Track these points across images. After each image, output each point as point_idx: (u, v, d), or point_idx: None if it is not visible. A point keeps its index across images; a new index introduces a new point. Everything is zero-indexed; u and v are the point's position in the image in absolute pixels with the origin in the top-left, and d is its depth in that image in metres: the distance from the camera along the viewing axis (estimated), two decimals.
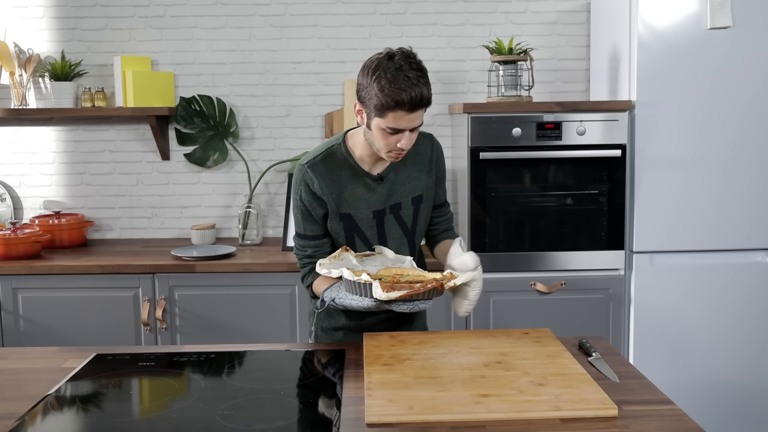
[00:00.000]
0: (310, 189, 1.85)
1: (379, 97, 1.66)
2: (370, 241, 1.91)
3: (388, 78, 1.65)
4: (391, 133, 1.71)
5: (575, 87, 3.29)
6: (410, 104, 1.66)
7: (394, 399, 1.37)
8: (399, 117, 1.68)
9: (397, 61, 1.68)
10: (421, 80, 1.68)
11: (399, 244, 1.93)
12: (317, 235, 1.91)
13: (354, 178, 1.86)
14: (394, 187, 1.89)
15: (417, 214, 1.93)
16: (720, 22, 2.67)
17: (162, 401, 1.44)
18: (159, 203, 3.34)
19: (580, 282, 2.79)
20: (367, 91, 1.70)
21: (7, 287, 2.77)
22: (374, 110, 1.69)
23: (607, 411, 1.32)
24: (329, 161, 1.86)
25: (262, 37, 3.26)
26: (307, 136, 3.31)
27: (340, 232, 1.89)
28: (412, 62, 1.70)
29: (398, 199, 1.90)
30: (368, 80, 1.70)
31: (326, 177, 1.85)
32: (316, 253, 1.91)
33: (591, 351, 1.66)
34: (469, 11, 3.24)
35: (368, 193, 1.87)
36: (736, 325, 2.80)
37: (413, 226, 1.94)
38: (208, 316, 2.79)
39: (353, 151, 1.87)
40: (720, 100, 2.72)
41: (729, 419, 2.83)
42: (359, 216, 1.87)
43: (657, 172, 2.74)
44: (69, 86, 3.14)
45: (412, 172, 1.91)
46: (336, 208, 1.86)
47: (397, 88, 1.65)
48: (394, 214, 1.90)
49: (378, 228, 1.90)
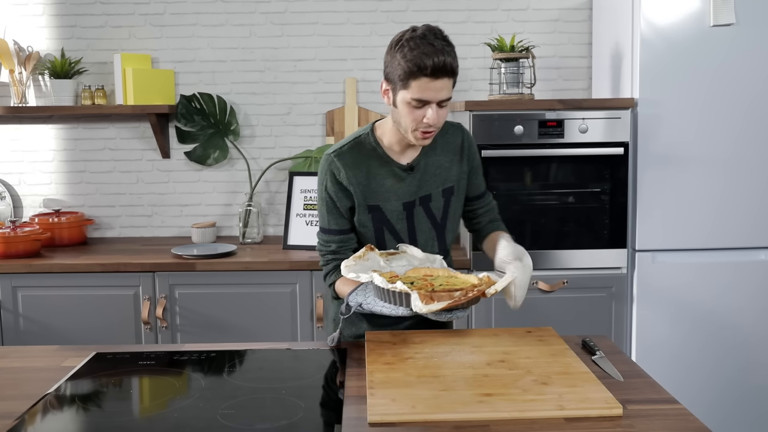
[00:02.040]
0: (336, 179, 1.80)
1: (402, 65, 1.63)
2: (400, 235, 1.85)
3: (410, 46, 1.63)
4: (417, 107, 1.66)
5: (577, 85, 3.27)
6: (432, 68, 1.61)
7: (396, 398, 1.36)
8: (423, 86, 1.63)
9: (420, 32, 1.65)
10: (445, 48, 1.64)
11: (427, 238, 1.87)
12: (342, 229, 1.83)
13: (382, 167, 1.81)
14: (425, 178, 1.83)
15: (447, 207, 1.86)
16: (723, 19, 2.66)
17: (162, 400, 1.43)
18: (159, 201, 3.33)
19: (583, 280, 2.78)
20: (391, 65, 1.67)
21: (6, 286, 2.76)
22: (398, 82, 1.66)
23: (611, 410, 1.31)
24: (357, 150, 1.81)
25: (263, 35, 3.24)
26: (308, 134, 3.30)
27: (368, 225, 1.83)
28: (437, 33, 1.66)
29: (428, 191, 1.83)
30: (391, 53, 1.68)
31: (353, 166, 1.79)
32: (340, 248, 1.84)
33: (594, 350, 1.65)
34: (471, 8, 3.23)
35: (397, 183, 1.81)
36: (738, 323, 2.79)
37: (443, 219, 1.87)
38: (209, 314, 2.78)
39: (381, 140, 1.82)
40: (723, 97, 2.71)
41: (731, 417, 2.82)
42: (389, 208, 1.81)
43: (659, 170, 2.73)
44: (69, 84, 3.13)
45: (443, 161, 1.85)
46: (364, 199, 1.80)
47: (420, 53, 1.61)
48: (423, 206, 1.84)
49: (408, 221, 1.83)
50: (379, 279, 1.59)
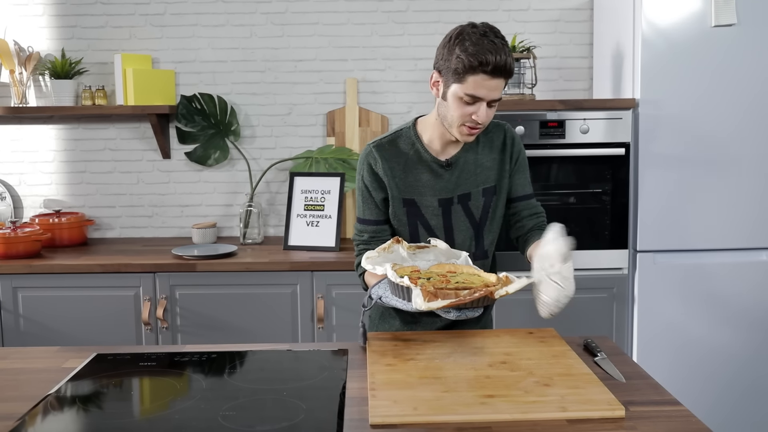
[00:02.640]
0: (372, 169, 1.81)
1: (462, 59, 1.62)
2: (435, 231, 1.83)
3: (473, 41, 1.62)
4: (468, 103, 1.66)
5: (578, 85, 3.27)
6: (494, 66, 1.61)
7: (398, 399, 1.35)
8: (479, 82, 1.63)
9: (481, 29, 1.64)
10: (506, 48, 1.64)
11: (465, 237, 1.84)
12: (377, 220, 1.85)
13: (420, 162, 1.80)
14: (463, 176, 1.81)
15: (488, 206, 1.84)
16: (724, 20, 2.65)
17: (163, 401, 1.42)
18: (160, 202, 3.33)
19: (584, 281, 2.77)
20: (448, 57, 1.65)
21: (7, 286, 2.76)
22: (453, 75, 1.65)
23: (614, 412, 1.31)
24: (397, 143, 1.82)
25: (264, 35, 3.24)
26: (308, 135, 3.29)
27: (403, 219, 1.83)
28: (497, 32, 1.66)
29: (467, 189, 1.81)
30: (450, 46, 1.66)
31: (391, 158, 1.80)
32: (372, 239, 1.85)
33: (596, 351, 1.65)
34: (472, 9, 3.22)
35: (434, 179, 1.80)
36: (740, 324, 2.79)
37: (483, 219, 1.84)
38: (210, 315, 2.77)
39: (422, 136, 1.82)
40: (724, 97, 2.71)
41: (732, 418, 2.82)
42: (424, 203, 1.81)
43: (661, 170, 2.73)
44: (69, 84, 3.13)
45: (484, 161, 1.83)
46: (399, 192, 1.80)
47: (483, 48, 1.61)
48: (462, 205, 1.82)
49: (444, 218, 1.82)
50: (391, 272, 1.56)
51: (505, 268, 2.59)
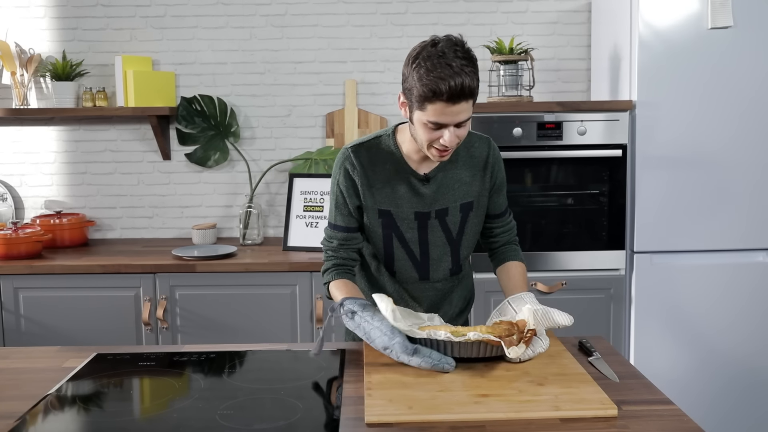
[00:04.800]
0: (349, 174, 1.74)
1: (417, 88, 1.52)
2: (410, 244, 1.78)
3: (427, 66, 1.51)
4: (434, 128, 1.57)
5: (576, 87, 3.28)
6: (449, 95, 1.50)
7: (393, 399, 1.37)
8: (439, 110, 1.53)
9: (440, 48, 1.52)
10: (465, 69, 1.51)
11: (441, 253, 1.81)
12: (347, 227, 1.77)
13: (398, 174, 1.73)
14: (442, 191, 1.75)
15: (465, 222, 1.79)
16: (721, 22, 2.67)
17: (162, 401, 1.44)
18: (160, 203, 3.35)
19: (581, 282, 2.79)
20: (408, 81, 1.56)
21: (8, 287, 2.77)
22: (415, 102, 1.56)
23: (606, 411, 1.32)
24: (375, 150, 1.75)
25: (263, 37, 3.26)
26: (308, 136, 3.31)
27: (378, 231, 1.77)
28: (458, 50, 1.53)
29: (445, 204, 1.76)
30: (409, 69, 1.56)
31: (369, 166, 1.73)
32: (341, 246, 1.78)
33: (591, 351, 1.66)
34: (470, 11, 3.24)
35: (412, 192, 1.74)
36: (737, 325, 2.80)
37: (459, 235, 1.80)
38: (209, 315, 2.79)
39: (401, 146, 1.74)
40: (721, 99, 2.72)
41: (729, 419, 2.83)
42: (400, 215, 1.75)
43: (658, 172, 2.74)
44: (70, 86, 3.14)
45: (464, 176, 1.76)
46: (374, 203, 1.74)
47: (436, 77, 1.50)
48: (439, 219, 1.77)
49: (420, 231, 1.77)
50: (444, 333, 1.52)
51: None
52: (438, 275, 1.84)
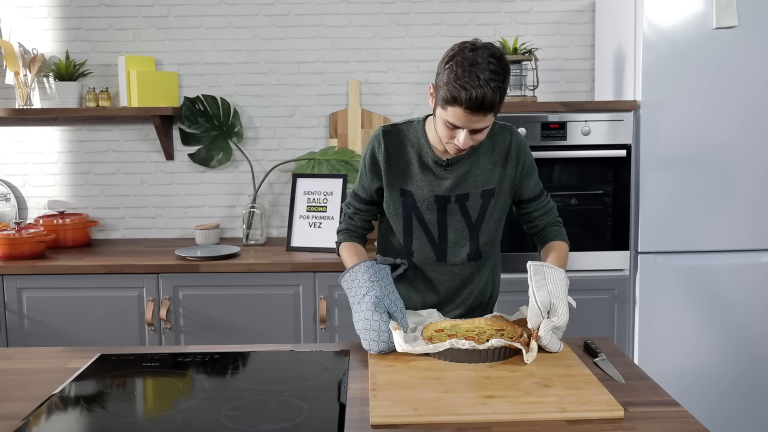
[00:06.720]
0: (374, 153, 1.85)
1: (443, 89, 1.60)
2: (429, 226, 1.86)
3: (457, 72, 1.56)
4: (451, 128, 1.66)
5: (580, 87, 3.28)
6: (468, 105, 1.56)
7: (398, 400, 1.37)
8: (458, 115, 1.60)
9: (475, 56, 1.57)
10: (491, 83, 1.55)
11: (459, 237, 1.86)
12: (367, 200, 1.92)
13: (422, 158, 1.82)
14: (463, 177, 1.81)
15: (485, 208, 1.85)
16: (726, 22, 2.66)
17: (166, 402, 1.43)
18: (163, 203, 3.34)
19: (585, 282, 2.78)
20: (439, 78, 1.63)
21: (11, 287, 2.77)
22: (440, 100, 1.64)
23: (613, 412, 1.32)
24: (405, 134, 1.85)
25: (266, 37, 3.26)
26: (311, 136, 3.31)
27: (399, 210, 1.86)
28: (492, 61, 1.57)
29: (466, 190, 1.82)
30: (442, 67, 1.62)
31: (394, 147, 1.83)
32: (355, 214, 1.94)
33: (596, 352, 1.66)
34: (474, 11, 3.23)
35: (434, 177, 1.82)
36: (741, 326, 2.79)
37: (479, 220, 1.85)
38: (212, 316, 2.79)
39: (428, 133, 1.82)
40: (725, 100, 2.71)
41: (733, 419, 2.82)
42: (420, 196, 1.83)
43: (662, 172, 2.74)
44: (73, 86, 3.14)
45: (486, 163, 1.82)
46: (397, 182, 1.84)
47: (461, 85, 1.55)
48: (459, 204, 1.83)
49: (439, 213, 1.84)
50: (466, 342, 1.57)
51: (510, 269, 2.60)
52: (456, 258, 1.88)
